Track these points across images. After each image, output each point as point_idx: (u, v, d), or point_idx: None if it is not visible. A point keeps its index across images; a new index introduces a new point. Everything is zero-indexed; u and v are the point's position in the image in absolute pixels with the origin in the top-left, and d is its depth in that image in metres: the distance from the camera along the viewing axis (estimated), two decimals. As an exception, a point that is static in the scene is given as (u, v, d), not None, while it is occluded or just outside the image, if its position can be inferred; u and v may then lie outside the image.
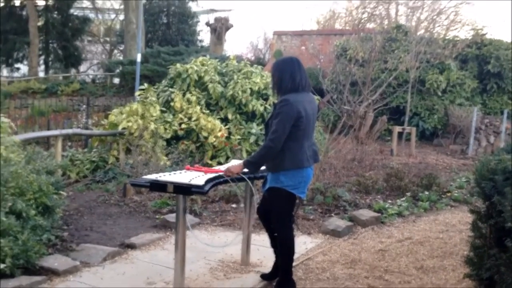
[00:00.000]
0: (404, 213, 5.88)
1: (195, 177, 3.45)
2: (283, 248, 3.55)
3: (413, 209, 6.07)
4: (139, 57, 12.89)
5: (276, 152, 3.37)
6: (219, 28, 19.38)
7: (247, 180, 3.68)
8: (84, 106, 12.48)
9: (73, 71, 25.83)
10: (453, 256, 4.56)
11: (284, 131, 3.32)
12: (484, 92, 13.46)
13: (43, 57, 25.07)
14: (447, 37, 13.77)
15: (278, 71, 3.50)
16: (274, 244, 3.78)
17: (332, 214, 5.67)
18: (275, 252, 3.78)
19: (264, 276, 3.84)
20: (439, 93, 12.81)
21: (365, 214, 5.58)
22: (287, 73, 3.45)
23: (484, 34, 13.67)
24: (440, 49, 12.64)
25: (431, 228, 5.48)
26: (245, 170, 3.58)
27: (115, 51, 29.64)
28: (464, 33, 14.17)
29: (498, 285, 2.24)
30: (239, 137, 8.11)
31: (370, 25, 14.53)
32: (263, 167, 3.62)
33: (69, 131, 8.01)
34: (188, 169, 3.76)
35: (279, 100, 3.45)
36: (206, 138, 7.91)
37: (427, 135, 12.87)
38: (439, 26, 14.35)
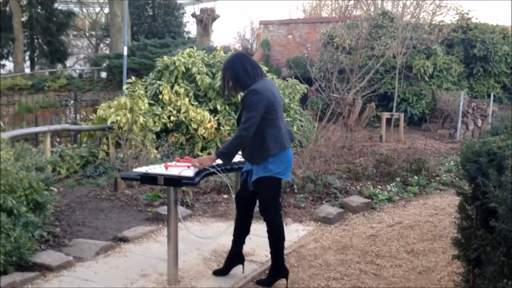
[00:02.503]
0: (394, 198, 5.95)
1: (185, 169, 3.46)
2: (274, 235, 3.57)
3: (402, 194, 6.15)
4: (125, 51, 12.80)
5: (248, 141, 3.40)
6: (206, 19, 19.26)
7: (220, 172, 3.66)
8: (72, 101, 12.40)
9: (59, 66, 25.57)
10: (443, 238, 4.63)
11: (256, 120, 3.34)
12: (471, 76, 13.56)
13: (28, 53, 24.78)
14: (433, 22, 13.83)
15: (230, 70, 3.49)
16: (239, 234, 3.73)
17: (323, 202, 5.72)
18: (236, 242, 3.73)
19: (217, 272, 3.77)
20: (426, 78, 12.88)
21: (356, 200, 5.64)
22: (239, 68, 3.46)
23: (470, 18, 13.75)
24: (426, 34, 12.69)
25: (421, 212, 5.56)
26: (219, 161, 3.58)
27: (101, 45, 29.38)
28: (449, 18, 14.26)
29: (484, 264, 2.29)
30: (228, 128, 8.13)
31: (356, 12, 14.55)
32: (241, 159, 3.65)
33: (58, 127, 7.96)
34: (178, 161, 3.76)
35: (246, 91, 3.45)
36: (195, 130, 7.90)
37: (415, 120, 12.96)
38: (424, 11, 14.41)
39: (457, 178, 6.70)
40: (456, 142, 10.89)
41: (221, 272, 3.76)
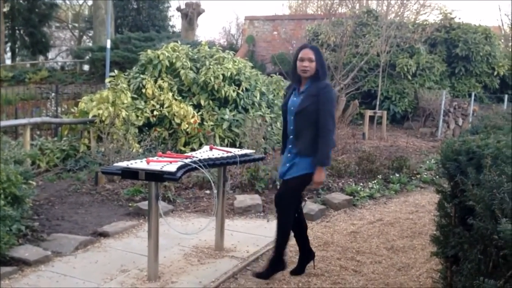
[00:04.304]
0: (375, 195, 6.00)
1: (167, 164, 3.44)
2: (283, 227, 3.57)
3: (384, 192, 6.20)
4: (108, 43, 12.65)
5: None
6: (191, 14, 19.16)
7: (203, 168, 3.61)
8: (53, 94, 12.23)
9: (41, 58, 25.21)
10: (422, 235, 4.68)
11: (335, 115, 3.55)
12: (453, 75, 13.73)
13: (9, 44, 24.38)
14: (416, 21, 13.96)
15: (322, 57, 3.61)
16: (298, 234, 3.76)
17: (306, 198, 5.73)
18: (302, 243, 3.78)
19: (293, 272, 3.79)
20: (409, 77, 13.01)
21: (338, 197, 5.67)
22: (324, 62, 3.64)
23: (453, 18, 13.90)
24: (409, 33, 12.80)
25: (401, 210, 5.62)
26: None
27: (84, 37, 29.06)
28: (433, 17, 14.40)
29: (462, 262, 2.32)
30: (212, 123, 8.09)
31: (341, 10, 14.60)
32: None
33: (38, 119, 7.84)
34: (160, 156, 3.73)
35: (322, 85, 3.47)
36: (179, 124, 7.86)
37: (398, 118, 13.08)
38: (408, 10, 14.54)
39: (437, 176, 6.78)
40: (437, 140, 11.02)
41: (298, 271, 3.77)
